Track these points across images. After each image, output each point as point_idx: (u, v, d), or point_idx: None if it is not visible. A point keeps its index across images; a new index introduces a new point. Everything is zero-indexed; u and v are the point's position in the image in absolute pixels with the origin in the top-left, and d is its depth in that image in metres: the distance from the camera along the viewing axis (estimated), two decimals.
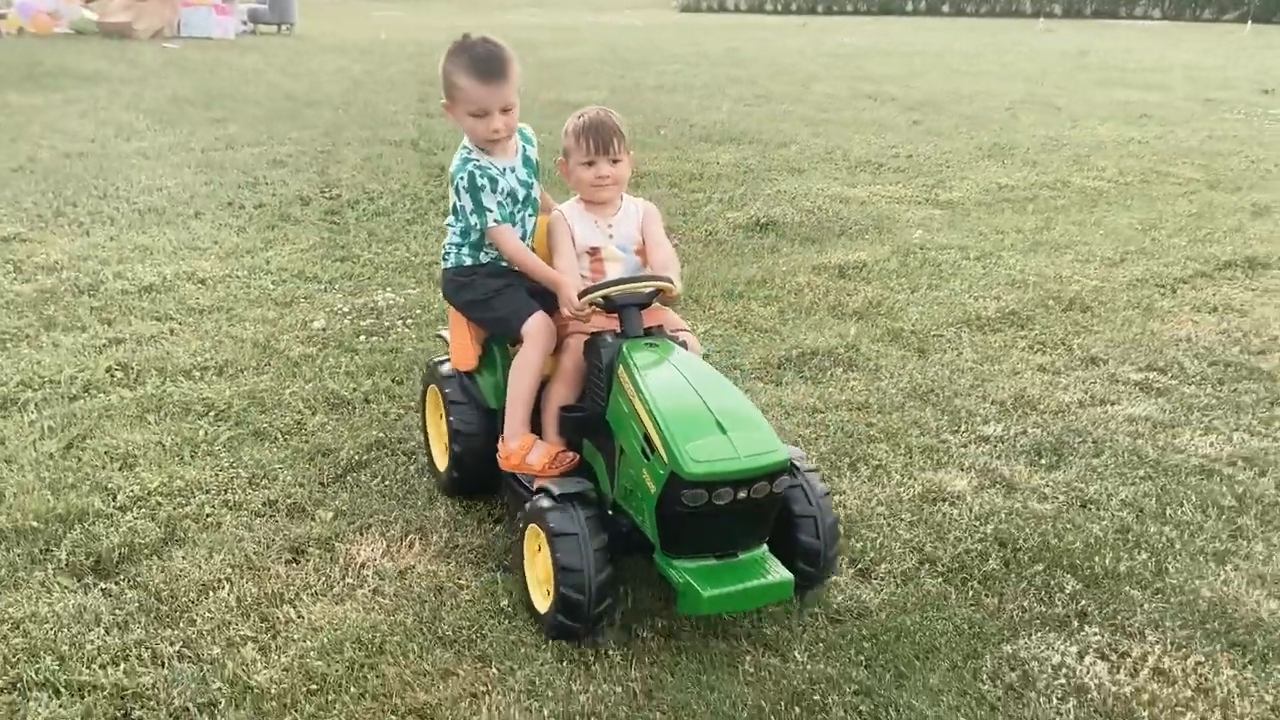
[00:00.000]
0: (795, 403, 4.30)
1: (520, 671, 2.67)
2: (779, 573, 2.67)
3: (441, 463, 3.57)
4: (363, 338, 4.91)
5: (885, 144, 10.26)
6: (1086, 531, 3.30)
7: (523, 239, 3.26)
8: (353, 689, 2.59)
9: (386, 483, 3.62)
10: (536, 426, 3.20)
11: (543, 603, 2.81)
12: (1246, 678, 2.64)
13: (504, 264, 3.27)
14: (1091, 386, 4.48)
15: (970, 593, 3.00)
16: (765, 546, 2.76)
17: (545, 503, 2.80)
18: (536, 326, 3.13)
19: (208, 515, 3.38)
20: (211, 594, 2.97)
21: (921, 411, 4.23)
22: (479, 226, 3.17)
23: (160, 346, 4.73)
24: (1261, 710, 2.53)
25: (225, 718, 2.49)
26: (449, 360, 3.52)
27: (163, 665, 2.67)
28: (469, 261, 3.30)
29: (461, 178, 3.16)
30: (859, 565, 3.14)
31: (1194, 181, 8.89)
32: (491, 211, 3.15)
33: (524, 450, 3.13)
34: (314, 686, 2.60)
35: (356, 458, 3.78)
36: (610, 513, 2.92)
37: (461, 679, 2.65)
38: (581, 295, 3.00)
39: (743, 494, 2.58)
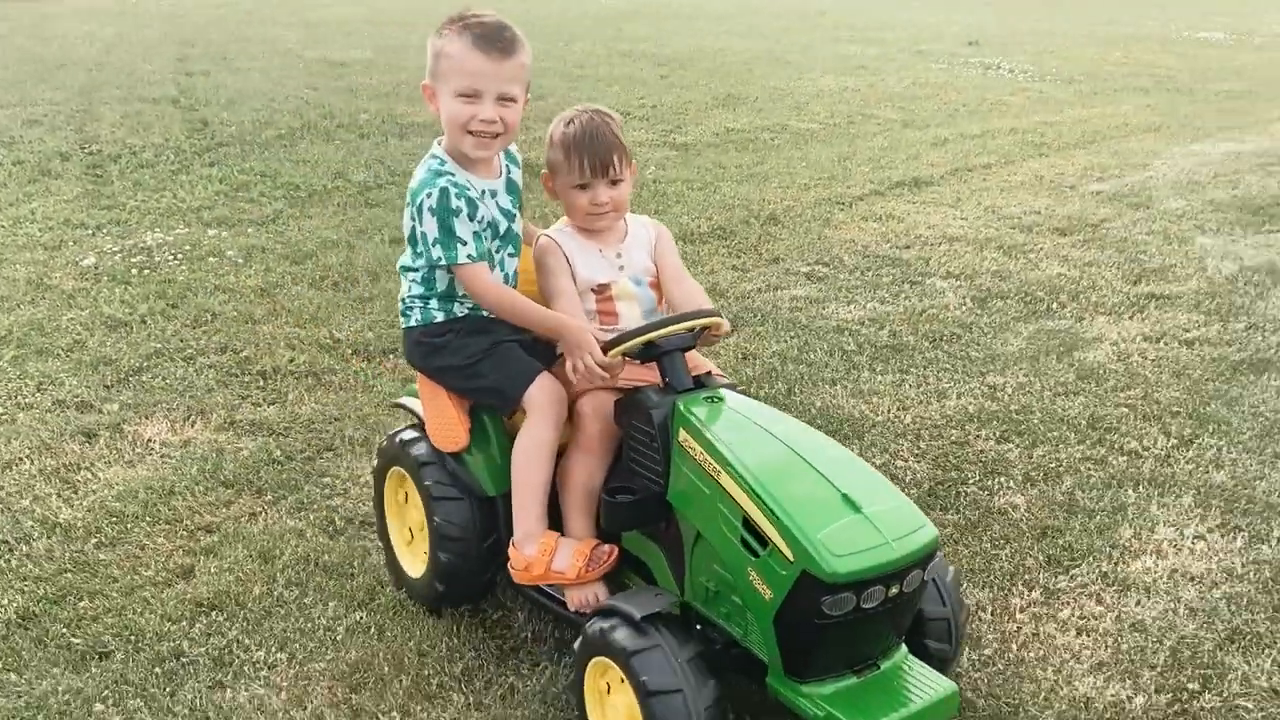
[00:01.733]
0: None
1: (291, 497, 3.37)
2: (938, 683, 2.11)
3: (414, 568, 2.77)
4: (135, 271, 5.33)
5: (634, 96, 11.19)
6: (743, 379, 4.29)
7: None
8: (149, 517, 3.22)
9: (167, 381, 4.17)
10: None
11: None
12: None
13: (486, 314, 2.56)
14: (770, 279, 5.53)
15: None
16: (905, 647, 2.21)
17: (609, 622, 2.17)
18: (544, 393, 2.44)
19: (1, 415, 3.84)
20: (14, 468, 3.49)
21: None
22: (444, 262, 2.44)
23: None
24: None
25: (39, 544, 3.07)
26: (417, 433, 2.70)
27: None
28: (441, 316, 2.57)
29: (429, 194, 2.42)
30: None
31: (891, 121, 10.33)
32: (465, 244, 2.43)
33: (547, 555, 2.41)
34: (114, 519, 3.21)
35: (137, 364, 4.30)
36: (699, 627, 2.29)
37: (241, 505, 3.32)
38: (608, 347, 2.36)
39: (894, 590, 2.03)
